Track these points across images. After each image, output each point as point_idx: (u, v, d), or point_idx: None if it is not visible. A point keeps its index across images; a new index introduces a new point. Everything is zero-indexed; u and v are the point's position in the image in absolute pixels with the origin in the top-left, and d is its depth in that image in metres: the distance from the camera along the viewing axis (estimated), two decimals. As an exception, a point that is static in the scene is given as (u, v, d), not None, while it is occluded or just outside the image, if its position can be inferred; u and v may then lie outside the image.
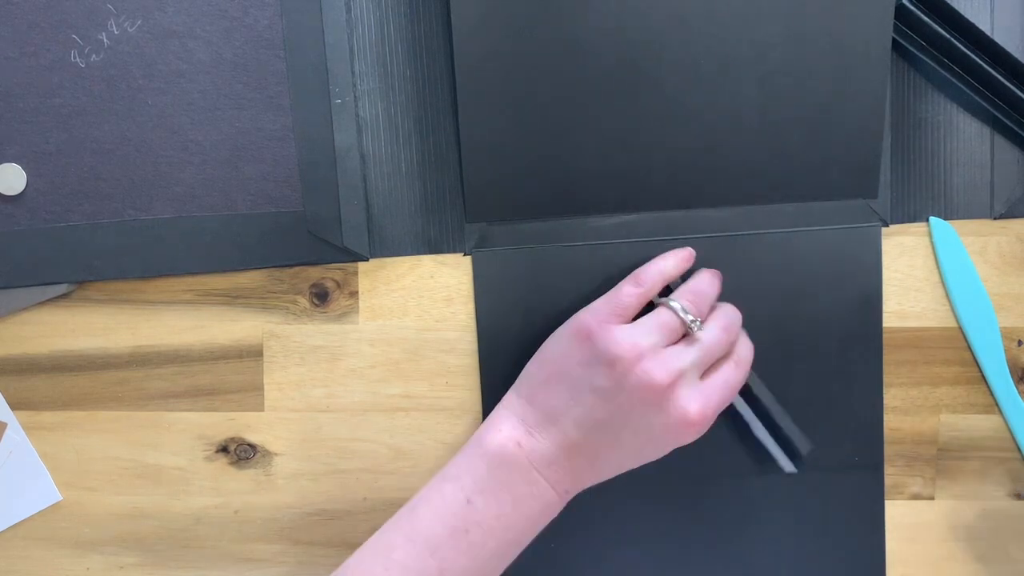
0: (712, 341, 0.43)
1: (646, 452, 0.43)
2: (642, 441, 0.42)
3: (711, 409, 0.42)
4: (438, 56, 0.49)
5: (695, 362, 0.42)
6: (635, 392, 0.41)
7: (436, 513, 0.41)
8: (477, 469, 0.42)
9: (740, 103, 0.47)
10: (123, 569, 0.52)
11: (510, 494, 0.41)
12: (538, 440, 0.42)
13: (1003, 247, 0.50)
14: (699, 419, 0.41)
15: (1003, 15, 0.48)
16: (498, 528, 0.41)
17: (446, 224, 0.50)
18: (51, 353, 0.51)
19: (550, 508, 0.43)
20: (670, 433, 0.42)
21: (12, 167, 0.48)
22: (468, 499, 0.41)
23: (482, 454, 0.42)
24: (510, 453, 0.42)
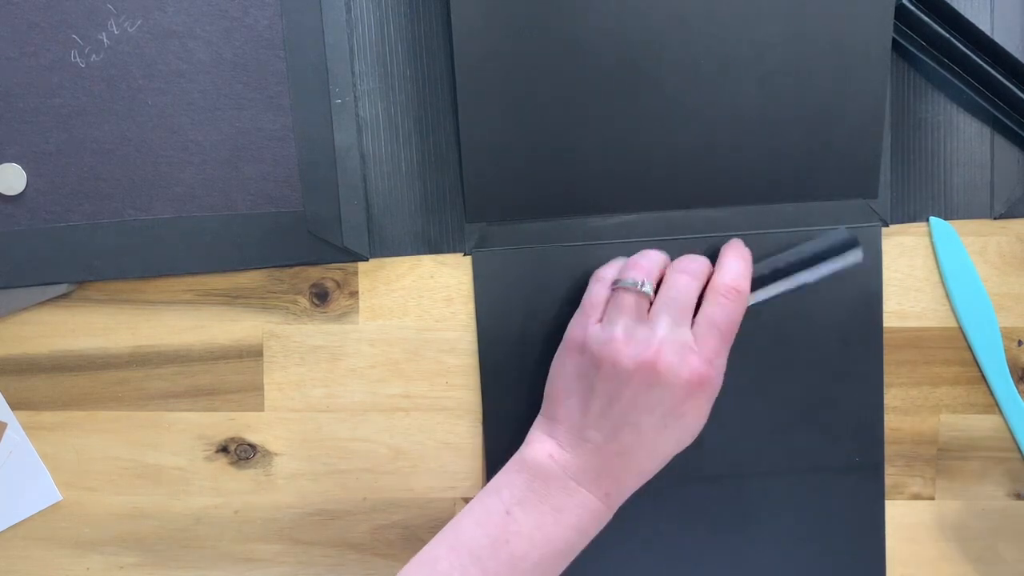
0: (674, 293, 0.43)
1: (674, 430, 0.42)
2: (663, 422, 0.42)
3: (709, 354, 0.41)
4: (438, 56, 0.49)
5: (669, 323, 0.42)
6: (632, 380, 0.41)
7: (478, 524, 0.42)
8: (515, 482, 0.42)
9: (740, 103, 0.47)
10: (123, 569, 0.52)
11: (550, 504, 0.42)
12: (568, 452, 0.43)
13: (1003, 247, 0.50)
14: (701, 372, 0.41)
15: (1003, 15, 0.48)
16: (540, 539, 0.41)
17: (446, 224, 0.50)
18: (51, 353, 0.51)
19: (596, 516, 0.43)
20: (686, 400, 0.41)
21: (12, 167, 0.48)
22: (507, 510, 0.42)
23: (520, 468, 0.43)
24: (545, 465, 0.42)
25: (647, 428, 0.42)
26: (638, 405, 0.41)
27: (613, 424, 0.42)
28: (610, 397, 0.42)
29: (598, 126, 0.48)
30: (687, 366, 0.41)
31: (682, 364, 0.41)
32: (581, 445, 0.42)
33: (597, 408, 0.42)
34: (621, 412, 0.42)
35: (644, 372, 0.41)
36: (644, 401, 0.41)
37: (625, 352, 0.41)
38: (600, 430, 0.42)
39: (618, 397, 0.42)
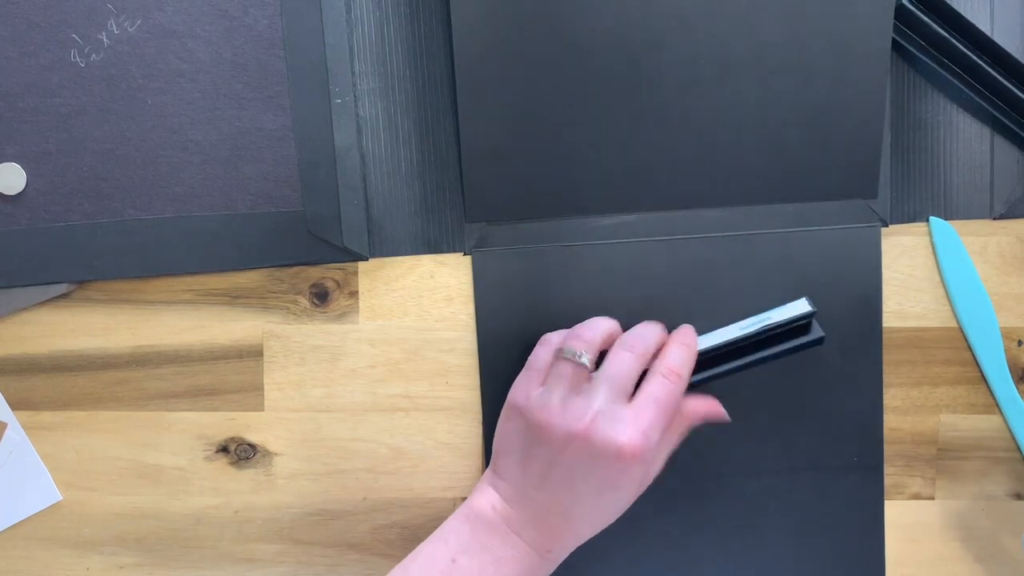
0: (617, 369, 0.43)
1: (609, 500, 0.43)
2: (597, 489, 0.42)
3: (639, 432, 0.41)
4: (438, 56, 0.49)
5: (605, 397, 0.42)
6: (566, 447, 0.42)
7: (425, 571, 0.43)
8: (462, 531, 0.43)
9: (740, 103, 0.47)
10: (123, 569, 0.52)
11: (491, 554, 0.43)
12: (512, 507, 0.44)
13: (1003, 247, 0.50)
14: (635, 443, 0.41)
15: (1003, 15, 0.48)
16: None
17: (446, 224, 0.50)
18: (51, 353, 0.51)
19: (534, 570, 0.43)
20: (616, 471, 0.42)
21: (12, 167, 0.48)
22: (453, 559, 0.43)
23: (467, 517, 0.44)
24: (489, 517, 0.44)
25: (584, 494, 0.42)
26: (574, 472, 0.42)
27: (552, 487, 0.43)
28: (548, 463, 0.43)
29: (598, 126, 0.48)
30: (621, 436, 0.41)
31: (615, 435, 0.41)
32: (523, 502, 0.43)
33: (535, 471, 0.43)
34: (559, 477, 0.42)
35: (578, 443, 0.42)
36: (580, 470, 0.42)
37: (560, 422, 0.42)
38: (540, 491, 0.43)
39: (555, 463, 0.42)
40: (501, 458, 0.45)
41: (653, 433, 0.42)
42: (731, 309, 0.48)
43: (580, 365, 0.43)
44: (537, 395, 0.44)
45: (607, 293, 0.49)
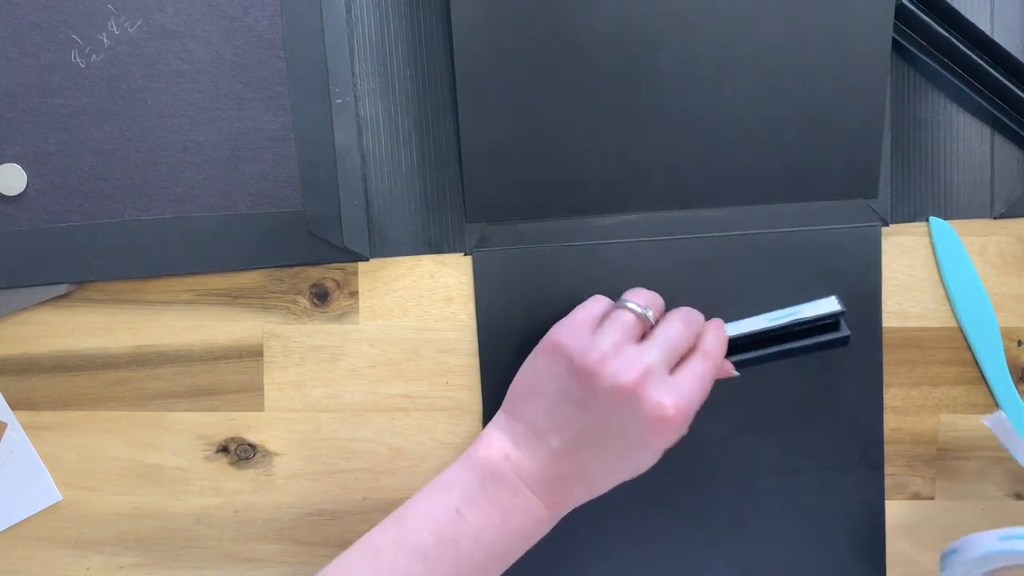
0: (673, 333, 0.42)
1: (633, 458, 0.42)
2: (626, 446, 0.41)
3: (684, 401, 0.41)
4: (438, 56, 0.49)
5: (659, 357, 0.41)
6: (607, 396, 0.41)
7: (426, 521, 0.41)
8: (467, 481, 0.42)
9: (740, 103, 0.47)
10: (123, 569, 0.52)
11: (499, 507, 0.41)
12: (525, 454, 0.42)
13: (1003, 247, 0.50)
14: (675, 413, 0.40)
15: (1003, 15, 0.48)
16: (485, 540, 0.41)
17: (446, 224, 0.50)
18: (51, 353, 0.51)
19: (540, 524, 0.42)
20: (650, 432, 0.41)
21: (12, 167, 0.48)
22: (457, 509, 0.41)
23: (472, 466, 0.42)
24: (498, 466, 0.42)
25: (610, 447, 0.41)
26: (608, 423, 0.41)
27: (577, 434, 0.41)
28: (582, 405, 0.41)
29: (598, 126, 0.48)
30: (669, 400, 0.40)
31: (664, 397, 0.40)
32: (538, 448, 0.42)
33: (565, 414, 0.42)
34: (588, 425, 0.41)
35: (624, 392, 0.40)
36: (615, 422, 0.41)
37: (609, 370, 0.41)
38: (563, 439, 0.42)
39: (590, 408, 0.41)
40: (523, 400, 0.43)
41: (693, 408, 0.41)
42: (731, 309, 0.48)
43: (644, 318, 0.42)
44: (588, 338, 0.42)
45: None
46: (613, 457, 0.42)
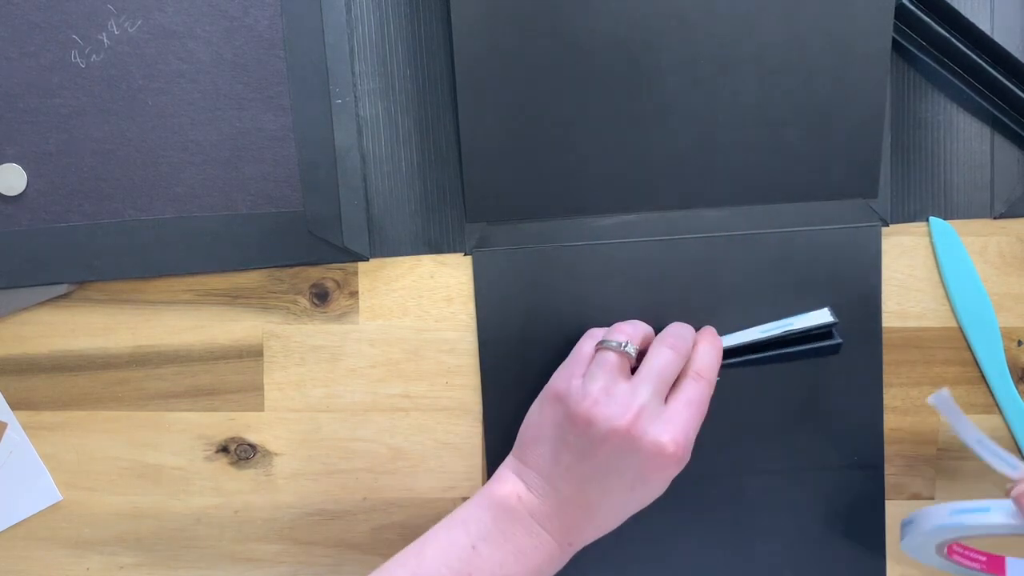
0: (662, 363, 0.43)
1: (639, 495, 0.43)
2: (631, 485, 0.42)
3: (681, 434, 0.42)
4: (438, 56, 0.49)
5: (650, 392, 0.42)
6: (605, 441, 0.41)
7: (443, 556, 0.42)
8: (483, 518, 0.43)
9: (740, 103, 0.47)
10: (123, 569, 0.52)
11: (513, 544, 0.42)
12: (536, 497, 0.43)
13: (1003, 247, 0.50)
14: (674, 447, 0.41)
15: (1003, 15, 0.48)
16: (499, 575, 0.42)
17: (446, 224, 0.50)
18: (51, 353, 0.51)
19: (553, 560, 0.43)
20: (653, 469, 0.42)
21: (12, 167, 0.48)
22: (473, 545, 0.42)
23: (488, 504, 0.43)
24: (513, 506, 0.43)
25: (615, 488, 0.42)
26: (609, 467, 0.42)
27: (581, 479, 0.42)
28: (582, 453, 0.42)
29: (598, 126, 0.48)
30: (664, 436, 0.41)
31: (661, 434, 0.41)
32: (549, 494, 0.43)
33: (567, 461, 0.43)
34: (592, 470, 0.42)
35: (620, 435, 0.41)
36: (616, 464, 0.42)
37: (602, 413, 0.42)
38: (569, 483, 0.43)
39: (590, 455, 0.42)
40: (531, 446, 0.44)
41: (692, 435, 0.42)
42: (731, 309, 0.49)
43: (625, 353, 0.43)
44: (578, 385, 0.43)
45: (607, 293, 0.49)
46: (619, 496, 0.43)
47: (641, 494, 0.43)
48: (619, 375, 0.43)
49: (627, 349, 0.43)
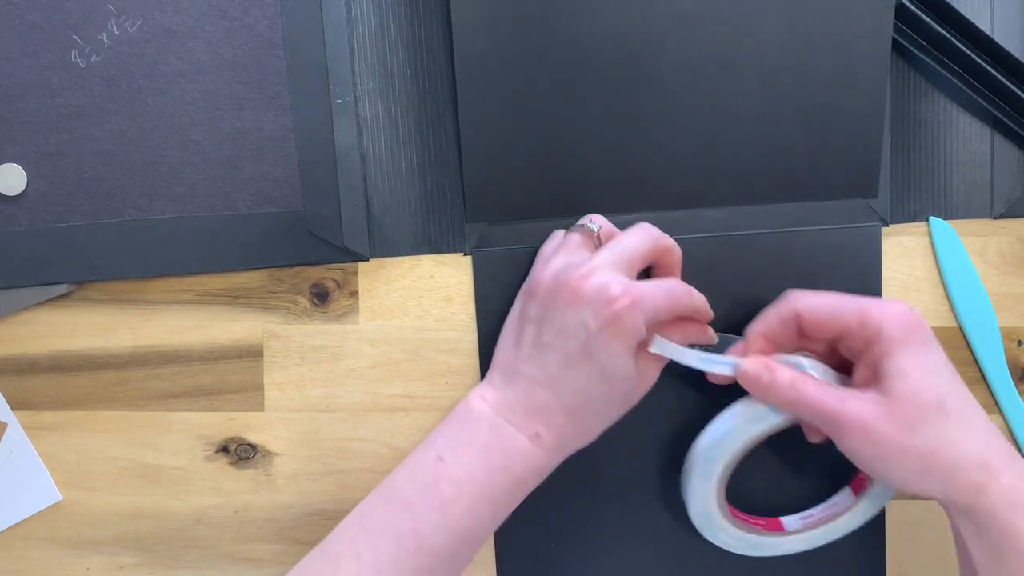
0: (624, 241, 0.43)
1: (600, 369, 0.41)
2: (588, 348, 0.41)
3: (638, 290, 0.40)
4: (438, 56, 0.49)
5: (607, 256, 0.42)
6: (558, 300, 0.41)
7: (411, 472, 0.42)
8: (448, 428, 0.43)
9: (740, 102, 0.47)
10: (123, 569, 0.52)
11: (477, 445, 0.42)
12: (500, 390, 0.43)
13: (1003, 247, 0.50)
14: (620, 292, 0.40)
15: (1003, 15, 0.48)
16: (467, 483, 0.41)
17: (446, 224, 0.50)
18: (51, 353, 0.51)
19: (527, 459, 0.42)
20: (603, 323, 0.40)
21: (12, 167, 0.48)
22: (439, 456, 0.42)
23: (454, 415, 0.43)
24: (476, 408, 0.43)
25: (572, 354, 0.41)
26: (565, 328, 0.41)
27: (541, 352, 0.42)
28: (539, 321, 0.42)
29: (598, 126, 0.48)
30: (613, 285, 0.40)
31: (607, 283, 0.41)
32: (513, 381, 0.43)
33: (529, 337, 0.43)
34: (549, 337, 0.42)
35: (568, 290, 0.41)
36: (570, 322, 0.41)
37: (557, 275, 0.42)
38: (531, 361, 0.42)
39: (545, 320, 0.42)
40: (499, 347, 0.45)
41: (648, 298, 0.41)
42: (731, 309, 0.48)
43: (588, 231, 0.43)
44: (541, 267, 0.44)
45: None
46: (580, 368, 0.41)
47: (603, 365, 0.41)
48: (581, 250, 0.43)
49: (592, 227, 0.44)
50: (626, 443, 0.49)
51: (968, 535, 0.40)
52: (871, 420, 0.39)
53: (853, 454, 0.41)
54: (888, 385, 0.39)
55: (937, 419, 0.39)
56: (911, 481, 0.40)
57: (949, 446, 0.38)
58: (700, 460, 0.45)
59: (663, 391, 0.48)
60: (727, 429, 0.44)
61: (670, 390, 0.48)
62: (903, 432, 0.39)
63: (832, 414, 0.40)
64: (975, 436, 0.39)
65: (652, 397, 0.46)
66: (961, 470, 0.38)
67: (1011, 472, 0.39)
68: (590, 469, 0.49)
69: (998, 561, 0.38)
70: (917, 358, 0.39)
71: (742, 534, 0.47)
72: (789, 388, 0.41)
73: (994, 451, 0.39)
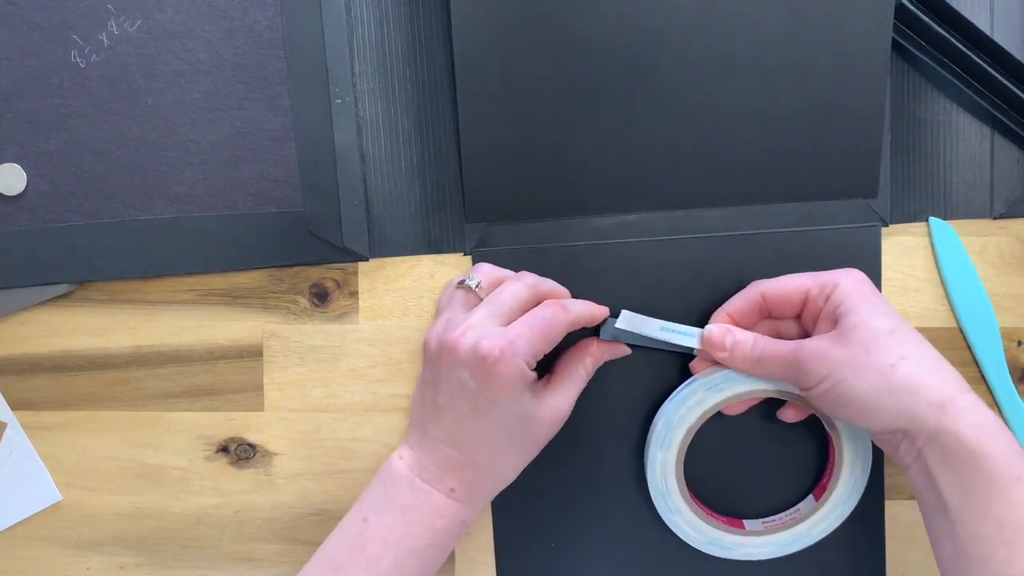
0: (503, 293, 0.44)
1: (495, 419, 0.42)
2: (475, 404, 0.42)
3: (508, 337, 0.41)
4: (438, 56, 0.49)
5: (486, 313, 0.42)
6: (439, 360, 0.42)
7: (340, 535, 0.43)
8: (372, 490, 0.44)
9: (740, 103, 0.47)
10: (123, 569, 0.52)
11: (398, 504, 0.43)
12: (415, 450, 0.44)
13: (1003, 247, 0.50)
14: (491, 347, 0.41)
15: (1003, 15, 0.48)
16: (392, 540, 0.42)
17: (446, 224, 0.50)
18: (51, 353, 0.51)
19: (446, 514, 0.43)
20: (483, 378, 0.41)
21: (12, 167, 0.48)
22: (364, 517, 0.43)
23: (377, 476, 0.44)
24: (395, 468, 0.44)
25: (466, 412, 0.42)
26: (452, 389, 0.42)
27: (438, 411, 0.43)
28: (433, 384, 0.43)
29: (598, 126, 0.48)
30: (484, 341, 0.41)
31: (479, 341, 0.41)
32: (424, 441, 0.44)
33: (428, 399, 0.44)
34: (444, 398, 0.43)
35: (447, 354, 0.42)
36: (454, 384, 0.42)
37: (439, 335, 0.43)
38: (434, 422, 0.43)
39: (436, 382, 0.43)
40: (413, 405, 0.45)
41: (520, 342, 0.41)
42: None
43: (470, 290, 0.44)
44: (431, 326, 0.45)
45: (607, 293, 0.49)
46: (476, 422, 0.42)
47: (496, 418, 0.42)
48: (464, 307, 0.44)
49: (471, 284, 0.44)
50: (623, 444, 0.49)
51: (935, 466, 0.40)
52: (829, 347, 0.41)
53: (818, 391, 0.42)
54: (843, 322, 0.42)
55: (891, 341, 0.41)
56: (874, 403, 0.40)
57: (906, 365, 0.40)
58: (659, 428, 0.47)
59: (662, 392, 0.48)
60: (685, 397, 0.46)
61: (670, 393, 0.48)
62: (858, 351, 0.41)
63: (792, 354, 0.42)
64: (930, 361, 0.41)
65: (651, 397, 0.46)
66: (922, 386, 0.40)
67: (971, 394, 0.40)
68: (590, 472, 0.50)
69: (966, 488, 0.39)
70: (869, 302, 0.42)
71: (699, 523, 0.48)
72: (752, 347, 0.44)
73: (951, 375, 0.41)
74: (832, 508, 0.47)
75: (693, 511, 0.48)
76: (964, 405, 0.39)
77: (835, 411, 0.42)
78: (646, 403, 0.49)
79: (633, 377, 0.48)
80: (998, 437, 0.39)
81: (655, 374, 0.49)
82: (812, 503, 0.48)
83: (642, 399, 0.49)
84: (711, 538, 0.48)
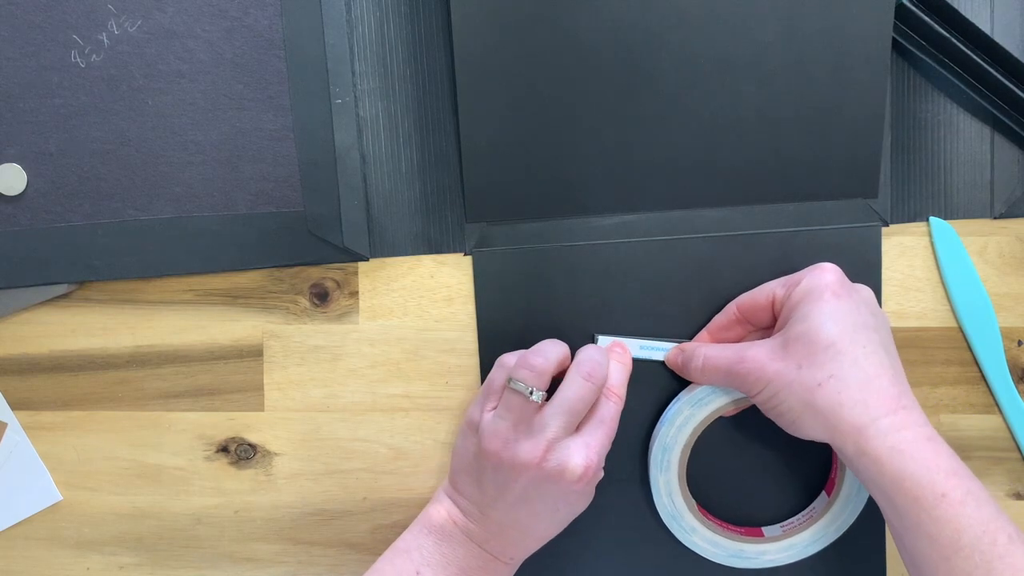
0: (573, 395, 0.43)
1: (568, 509, 0.45)
2: (554, 506, 0.44)
3: (593, 456, 0.43)
4: (438, 56, 0.49)
5: (559, 427, 0.43)
6: (519, 476, 0.43)
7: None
8: (424, 544, 0.44)
9: (740, 103, 0.47)
10: (123, 569, 0.52)
11: (456, 566, 0.44)
12: (470, 522, 0.45)
13: (1003, 247, 0.50)
14: (583, 470, 0.42)
15: (1003, 15, 0.48)
16: None
17: (446, 224, 0.50)
18: (51, 353, 0.51)
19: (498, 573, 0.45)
20: (569, 493, 0.43)
21: (12, 167, 0.48)
22: (418, 572, 0.43)
23: (428, 531, 0.45)
24: (451, 531, 0.45)
25: (542, 511, 0.44)
26: (529, 495, 0.43)
27: (507, 506, 0.44)
28: (502, 486, 0.43)
29: (598, 126, 0.48)
30: (572, 462, 0.42)
31: (567, 461, 0.42)
32: (481, 518, 0.44)
33: (491, 491, 0.44)
34: (515, 498, 0.43)
35: (530, 472, 0.42)
36: (535, 493, 0.43)
37: (510, 452, 0.43)
38: (497, 510, 0.44)
39: (508, 488, 0.43)
40: (459, 475, 0.46)
41: (603, 451, 0.44)
42: (731, 309, 0.48)
43: (530, 401, 0.43)
44: (489, 419, 0.44)
45: (607, 293, 0.49)
46: (547, 516, 0.44)
47: (570, 508, 0.45)
48: (524, 415, 0.43)
49: (533, 397, 0.43)
50: (627, 450, 0.49)
51: (866, 484, 0.41)
52: (765, 359, 0.42)
53: (758, 400, 0.43)
54: (788, 330, 0.42)
55: (826, 358, 0.40)
56: (801, 420, 0.41)
57: (834, 384, 0.40)
58: (656, 451, 0.47)
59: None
60: (672, 417, 0.47)
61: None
62: (791, 367, 0.41)
63: (734, 364, 0.43)
64: (863, 379, 0.40)
65: (653, 402, 0.46)
66: (843, 408, 0.40)
67: (895, 416, 0.40)
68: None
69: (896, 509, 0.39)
70: (822, 305, 0.42)
71: (717, 538, 0.48)
72: (700, 360, 0.45)
73: (879, 395, 0.40)
74: (845, 502, 0.47)
75: (707, 527, 0.48)
76: (884, 427, 0.39)
77: (774, 420, 0.43)
78: (647, 422, 0.49)
79: (631, 394, 0.48)
80: (919, 456, 0.39)
81: (652, 388, 0.49)
82: (825, 499, 0.48)
83: (643, 416, 0.49)
84: (732, 551, 0.48)
